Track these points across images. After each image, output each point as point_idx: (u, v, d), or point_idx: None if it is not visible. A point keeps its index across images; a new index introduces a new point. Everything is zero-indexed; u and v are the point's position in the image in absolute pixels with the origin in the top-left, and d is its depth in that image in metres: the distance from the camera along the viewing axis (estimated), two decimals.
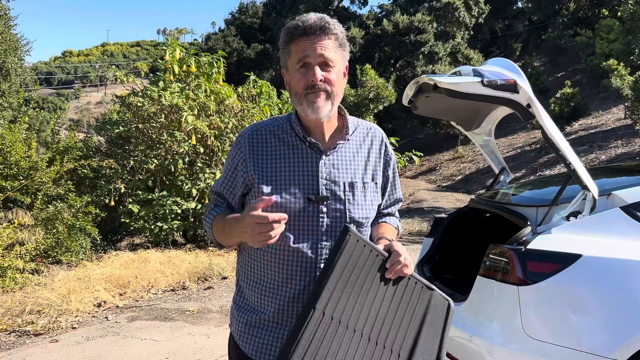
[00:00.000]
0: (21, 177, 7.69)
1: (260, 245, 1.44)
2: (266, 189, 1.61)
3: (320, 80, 1.57)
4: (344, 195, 1.64)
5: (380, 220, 1.83)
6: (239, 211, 1.70)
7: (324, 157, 1.65)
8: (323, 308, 1.43)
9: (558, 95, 22.87)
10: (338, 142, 1.68)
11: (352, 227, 1.55)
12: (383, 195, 1.82)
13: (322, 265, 1.58)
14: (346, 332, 1.44)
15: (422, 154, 11.30)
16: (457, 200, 17.30)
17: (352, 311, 1.46)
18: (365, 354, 1.45)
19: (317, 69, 1.57)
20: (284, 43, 1.63)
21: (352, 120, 1.75)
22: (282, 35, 1.63)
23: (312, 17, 1.59)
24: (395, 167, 1.83)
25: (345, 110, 1.76)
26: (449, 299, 1.60)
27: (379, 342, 1.48)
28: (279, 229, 1.41)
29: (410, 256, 1.56)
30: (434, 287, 1.59)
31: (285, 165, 1.63)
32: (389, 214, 1.87)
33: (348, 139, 1.71)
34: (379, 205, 1.80)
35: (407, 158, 10.74)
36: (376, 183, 1.74)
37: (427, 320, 1.54)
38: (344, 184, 1.64)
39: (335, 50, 1.60)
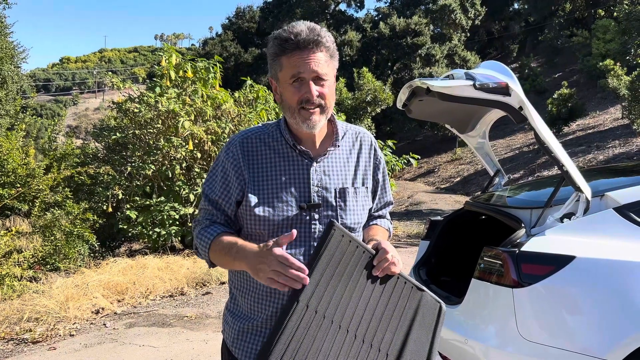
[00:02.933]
0: (18, 185, 7.69)
1: (267, 282, 1.43)
2: (258, 197, 1.60)
3: (316, 96, 1.57)
4: (336, 201, 1.64)
5: (371, 223, 1.84)
6: (235, 222, 1.69)
7: (314, 164, 1.65)
8: (307, 301, 1.43)
9: (555, 96, 22.90)
10: (328, 149, 1.69)
11: (338, 222, 1.56)
12: (374, 198, 1.82)
13: None
14: (331, 326, 1.44)
15: (419, 157, 11.32)
16: (455, 202, 17.30)
17: (337, 306, 1.46)
18: (351, 351, 1.45)
19: (312, 85, 1.56)
20: (274, 54, 1.60)
21: (341, 126, 1.75)
22: (272, 45, 1.60)
23: (303, 29, 1.55)
24: (384, 170, 1.85)
25: (335, 116, 1.76)
26: (440, 301, 1.59)
27: (366, 340, 1.47)
28: (293, 276, 1.40)
29: (399, 255, 1.56)
30: (424, 288, 1.58)
31: (277, 173, 1.63)
32: (380, 217, 1.89)
33: (338, 145, 1.71)
34: (370, 209, 1.81)
35: (405, 161, 10.77)
36: (367, 187, 1.75)
37: (417, 321, 1.54)
38: (335, 190, 1.65)
39: (328, 63, 1.60)
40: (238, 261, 1.54)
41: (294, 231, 1.44)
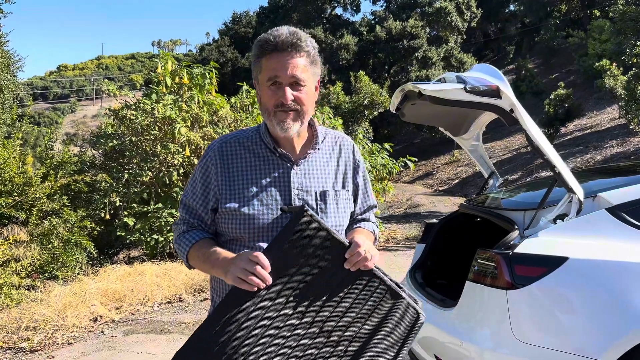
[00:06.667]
0: (15, 194, 7.68)
1: (235, 282, 1.46)
2: (237, 201, 1.61)
3: (291, 100, 1.57)
4: (316, 204, 1.65)
5: (355, 226, 1.83)
6: (212, 227, 1.71)
7: (295, 167, 1.66)
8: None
9: (552, 96, 22.95)
10: (308, 152, 1.69)
11: (309, 209, 1.56)
12: (355, 202, 1.82)
13: None
14: (284, 307, 1.45)
15: (417, 159, 11.35)
16: (454, 205, 17.28)
17: (294, 289, 1.46)
18: (306, 336, 1.45)
19: (288, 90, 1.57)
20: (255, 56, 1.62)
21: (321, 130, 1.76)
22: (254, 47, 1.62)
23: (285, 31, 1.57)
24: (365, 173, 1.84)
25: (315, 121, 1.77)
26: (420, 311, 1.53)
27: (324, 329, 1.46)
28: (257, 279, 1.43)
29: (375, 250, 1.53)
30: (403, 294, 1.53)
31: (257, 177, 1.63)
32: (364, 220, 1.87)
33: (318, 149, 1.72)
34: (353, 213, 1.81)
35: (402, 163, 10.79)
36: (347, 190, 1.75)
37: (386, 325, 1.49)
38: (316, 193, 1.66)
39: (307, 68, 1.60)
40: (216, 268, 1.56)
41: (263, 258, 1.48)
